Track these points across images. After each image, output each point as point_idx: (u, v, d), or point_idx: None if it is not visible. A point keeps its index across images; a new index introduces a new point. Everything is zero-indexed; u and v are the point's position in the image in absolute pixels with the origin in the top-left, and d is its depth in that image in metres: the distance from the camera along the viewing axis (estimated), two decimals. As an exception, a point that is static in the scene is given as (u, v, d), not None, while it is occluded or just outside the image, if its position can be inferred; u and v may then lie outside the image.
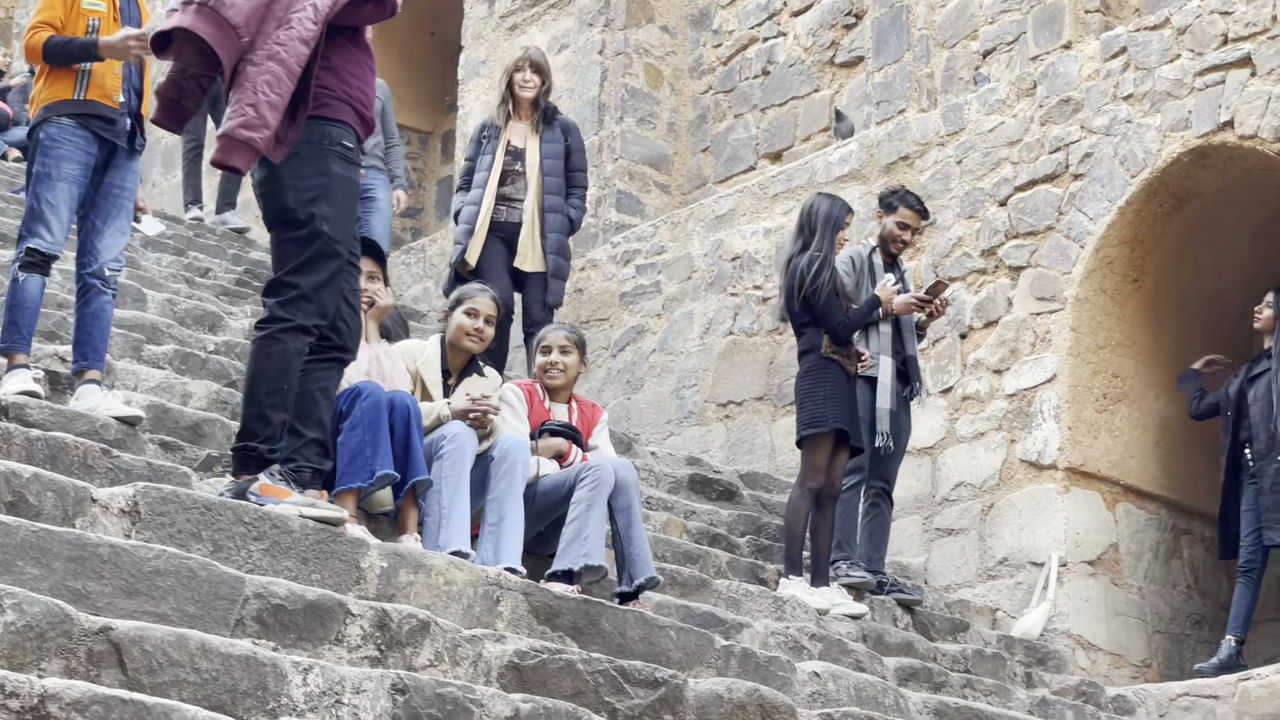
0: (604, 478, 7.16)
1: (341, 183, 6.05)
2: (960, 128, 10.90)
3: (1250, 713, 8.59)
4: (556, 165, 10.41)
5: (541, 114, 10.46)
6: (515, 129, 10.42)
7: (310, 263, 5.95)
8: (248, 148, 5.79)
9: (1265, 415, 9.33)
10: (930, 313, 9.18)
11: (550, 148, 10.41)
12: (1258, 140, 9.32)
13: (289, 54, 5.86)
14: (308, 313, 5.93)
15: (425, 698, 4.55)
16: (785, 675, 6.45)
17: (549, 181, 10.34)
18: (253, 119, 5.76)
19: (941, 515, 10.37)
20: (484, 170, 10.37)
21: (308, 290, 5.94)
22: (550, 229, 10.29)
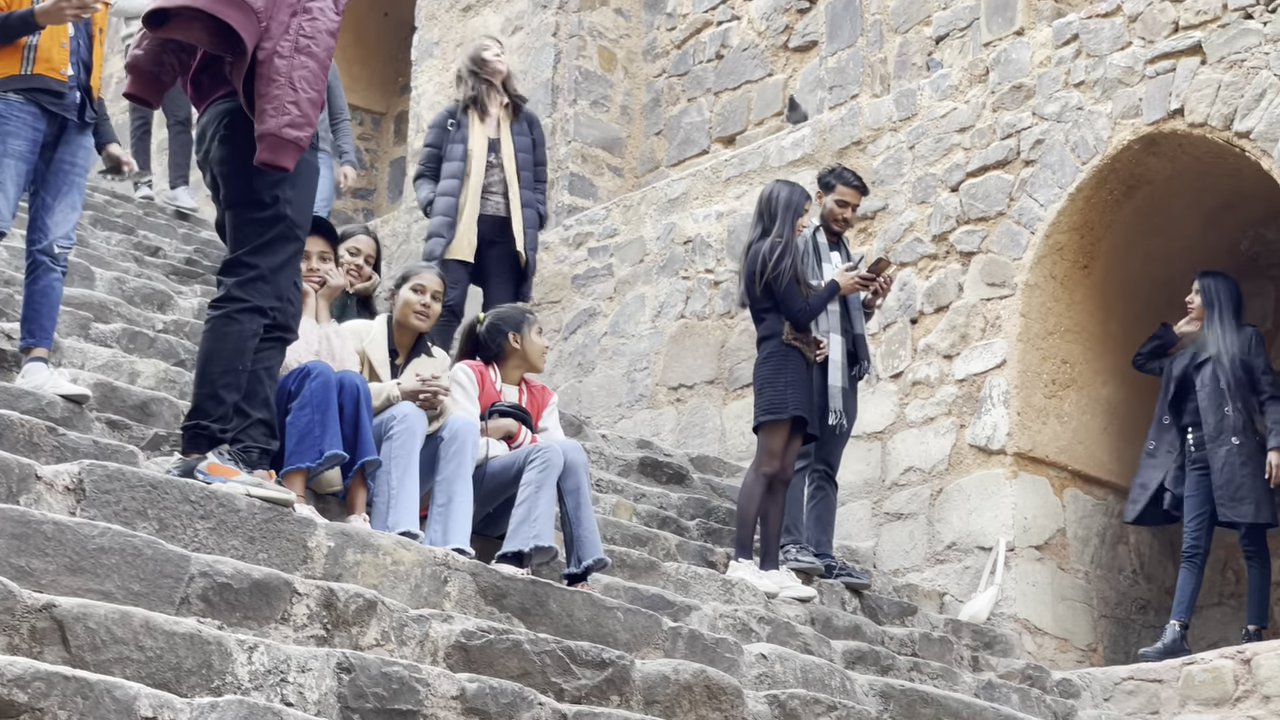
0: (553, 459, 7.16)
1: (305, 166, 6.05)
2: (913, 113, 10.93)
3: (1194, 697, 8.66)
4: (528, 159, 10.30)
5: (512, 104, 10.34)
6: (489, 119, 10.26)
7: (271, 244, 5.95)
8: (295, 147, 5.80)
9: (1213, 401, 9.39)
10: (875, 291, 9.18)
11: (521, 140, 10.30)
12: (1207, 128, 9.36)
13: (319, 47, 5.89)
14: (264, 294, 5.93)
15: (371, 677, 4.55)
16: (732, 657, 6.46)
17: (523, 176, 10.24)
18: (297, 118, 5.78)
19: (891, 500, 10.40)
20: (455, 160, 10.17)
21: (266, 271, 5.94)
22: (527, 224, 10.19)
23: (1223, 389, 9.38)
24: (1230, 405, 9.34)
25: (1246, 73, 9.22)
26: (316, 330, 7.12)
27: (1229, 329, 9.50)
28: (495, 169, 10.16)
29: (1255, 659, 8.50)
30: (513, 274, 10.19)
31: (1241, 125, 9.18)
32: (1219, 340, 9.48)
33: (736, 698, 5.76)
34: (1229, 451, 9.29)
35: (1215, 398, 9.40)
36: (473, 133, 10.15)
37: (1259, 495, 9.28)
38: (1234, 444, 9.30)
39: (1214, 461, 9.33)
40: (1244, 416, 9.35)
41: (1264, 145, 9.06)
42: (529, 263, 10.21)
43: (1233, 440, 9.31)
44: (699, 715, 5.64)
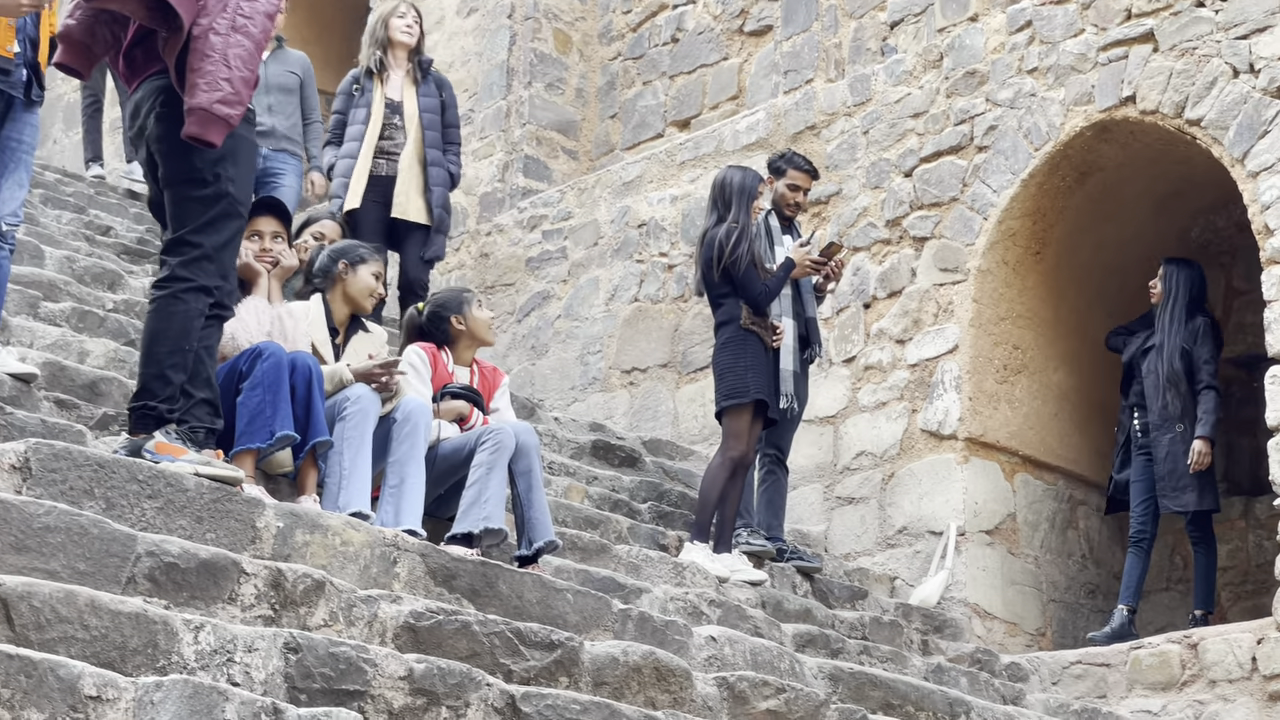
0: (505, 441, 7.15)
1: (244, 144, 6.03)
2: (867, 98, 10.94)
3: (1141, 681, 8.71)
4: (435, 119, 10.13)
5: (418, 65, 10.18)
6: (391, 81, 10.10)
7: (214, 222, 5.93)
8: (224, 123, 5.77)
9: (1157, 389, 9.45)
10: (827, 275, 9.20)
11: (427, 101, 10.13)
12: (1159, 115, 9.40)
13: (256, 28, 5.88)
14: (209, 273, 5.91)
15: (318, 657, 4.53)
16: (682, 639, 6.47)
17: (429, 135, 10.07)
18: (230, 95, 5.75)
19: (842, 484, 10.43)
20: (359, 124, 10.04)
21: (210, 250, 5.92)
22: (434, 182, 10.01)
23: (1165, 378, 9.44)
24: (1172, 393, 9.40)
25: (1198, 61, 9.26)
26: (269, 311, 7.09)
27: (1178, 319, 9.55)
28: (398, 130, 10.03)
29: (1202, 644, 8.57)
30: (419, 236, 10.03)
31: (1193, 113, 9.23)
32: (1165, 329, 9.54)
33: (685, 679, 5.77)
34: (1172, 440, 9.35)
35: (1158, 385, 9.46)
36: (375, 95, 10.04)
37: (1201, 483, 9.34)
38: (1177, 432, 9.37)
39: (1157, 450, 9.40)
40: (1186, 405, 9.41)
41: (1214, 133, 9.11)
42: (436, 220, 10.01)
43: (1176, 428, 9.37)
44: (648, 697, 5.65)
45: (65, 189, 12.64)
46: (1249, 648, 8.36)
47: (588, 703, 5.04)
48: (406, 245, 10.04)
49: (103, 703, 3.85)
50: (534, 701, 4.91)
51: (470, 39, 13.86)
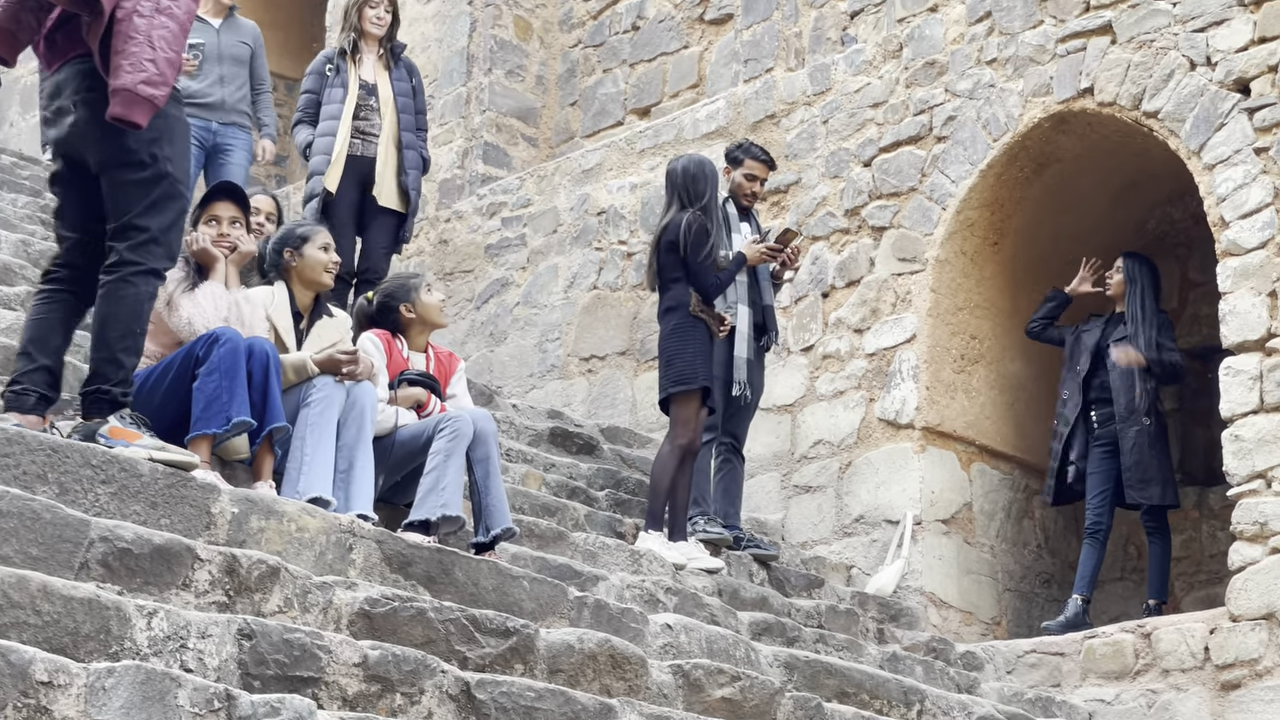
0: (463, 429, 7.15)
1: (178, 123, 6.01)
2: (827, 88, 10.96)
3: (1094, 670, 8.76)
4: (408, 103, 10.11)
5: (390, 51, 10.15)
6: (364, 64, 10.06)
7: (157, 204, 5.92)
8: (149, 104, 5.74)
9: (1125, 382, 9.49)
10: (783, 261, 9.21)
11: (400, 85, 10.11)
12: (1116, 107, 9.44)
13: (180, 9, 5.88)
14: (157, 255, 5.91)
15: (272, 643, 4.53)
16: (638, 627, 6.48)
17: (403, 119, 10.04)
18: (154, 76, 5.73)
19: (800, 472, 10.45)
20: (335, 103, 9.98)
21: (157, 233, 5.91)
22: (409, 165, 9.96)
23: (1135, 370, 9.48)
24: (1141, 386, 9.45)
25: (1155, 53, 9.29)
26: (226, 296, 7.06)
27: (1148, 312, 9.61)
28: (374, 113, 9.98)
29: (1155, 633, 8.62)
30: (388, 222, 9.95)
31: (1150, 105, 9.26)
32: (1136, 322, 9.58)
33: (641, 667, 5.78)
34: (1139, 432, 9.40)
35: (1127, 378, 9.50)
36: (350, 77, 9.99)
37: (1165, 477, 9.42)
38: (1144, 424, 9.42)
39: (1124, 442, 9.43)
40: (1153, 397, 9.47)
41: (1171, 125, 9.15)
42: (412, 203, 9.99)
43: (1143, 421, 9.42)
44: (603, 684, 5.66)
45: (21, 172, 12.57)
46: (1202, 637, 8.41)
47: (542, 690, 5.04)
48: (373, 231, 9.95)
49: (54, 689, 3.83)
50: (489, 689, 4.91)
51: (430, 25, 13.82)
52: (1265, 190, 8.66)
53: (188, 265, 6.99)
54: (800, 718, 6.09)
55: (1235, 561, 8.38)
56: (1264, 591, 8.20)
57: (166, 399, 6.56)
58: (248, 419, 6.54)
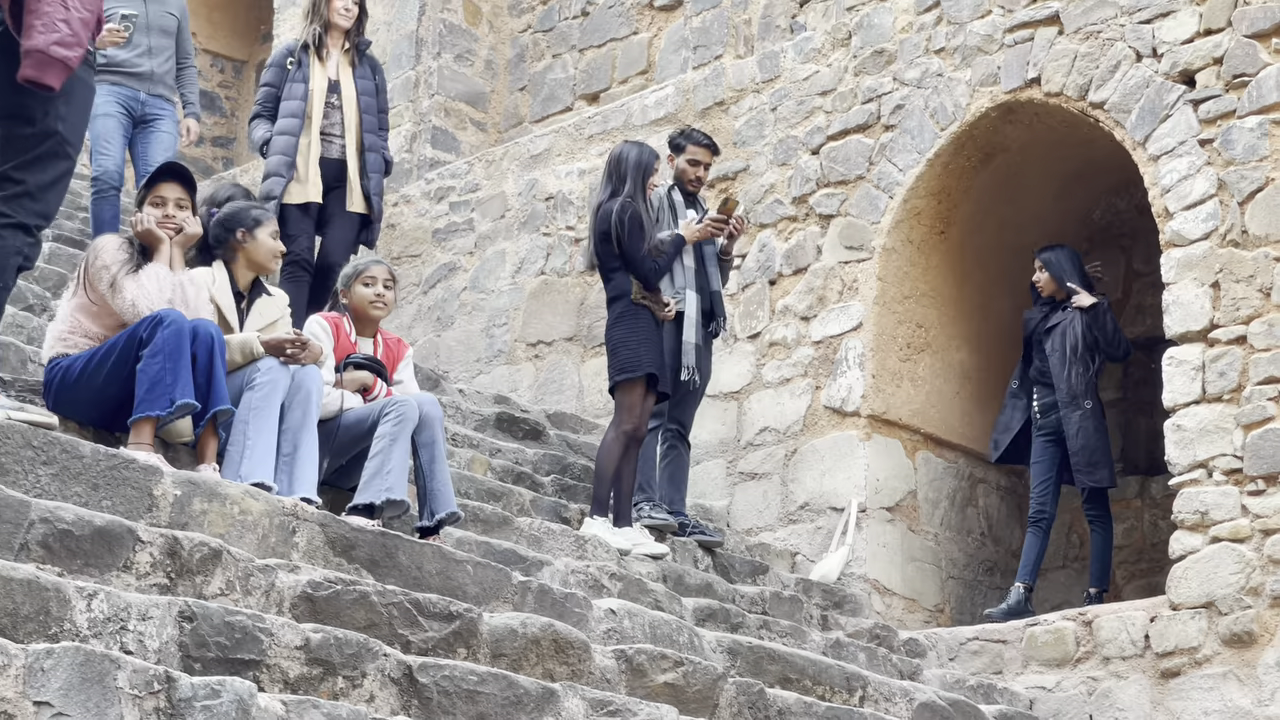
0: (408, 413, 7.14)
1: (81, 85, 5.89)
2: (776, 75, 10.97)
3: (1036, 657, 8.81)
4: (371, 103, 9.88)
5: (355, 48, 9.92)
6: (329, 60, 9.83)
7: (40, 160, 5.78)
8: (62, 65, 5.65)
9: (1064, 366, 9.54)
10: (730, 234, 9.21)
11: (364, 84, 9.87)
12: (1063, 98, 9.48)
13: None
14: (30, 211, 5.73)
15: (213, 625, 4.51)
16: (581, 612, 6.48)
17: (366, 120, 9.81)
18: (68, 36, 5.63)
19: (746, 459, 10.47)
20: (297, 99, 9.71)
21: (33, 188, 5.76)
22: (371, 169, 9.73)
23: (1072, 354, 9.53)
24: (1078, 369, 9.50)
25: (1102, 44, 9.34)
26: (170, 278, 7.01)
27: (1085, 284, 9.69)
28: (336, 111, 9.73)
29: (1096, 621, 8.68)
30: (352, 219, 9.70)
31: (1096, 96, 9.31)
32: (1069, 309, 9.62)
33: (584, 651, 5.79)
34: (1082, 416, 9.45)
35: (1066, 363, 9.55)
36: (313, 73, 9.73)
37: (1110, 460, 9.50)
38: (1086, 408, 9.47)
39: (1068, 427, 9.48)
40: (1090, 382, 9.52)
41: (1117, 116, 9.20)
42: (375, 209, 9.76)
43: (1084, 404, 9.47)
44: (546, 669, 5.66)
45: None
46: (1142, 625, 8.47)
47: (485, 674, 5.04)
48: (334, 229, 9.69)
49: (-8, 669, 3.81)
50: (431, 672, 4.91)
51: (379, 8, 13.76)
52: (1209, 182, 8.71)
53: (131, 246, 6.94)
54: (742, 703, 6.11)
55: (1176, 550, 8.44)
56: (1204, 580, 8.27)
57: (109, 381, 6.52)
58: (191, 401, 6.50)
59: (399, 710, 4.83)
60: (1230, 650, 8.13)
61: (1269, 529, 8.12)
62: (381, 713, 4.74)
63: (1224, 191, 8.66)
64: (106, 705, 3.90)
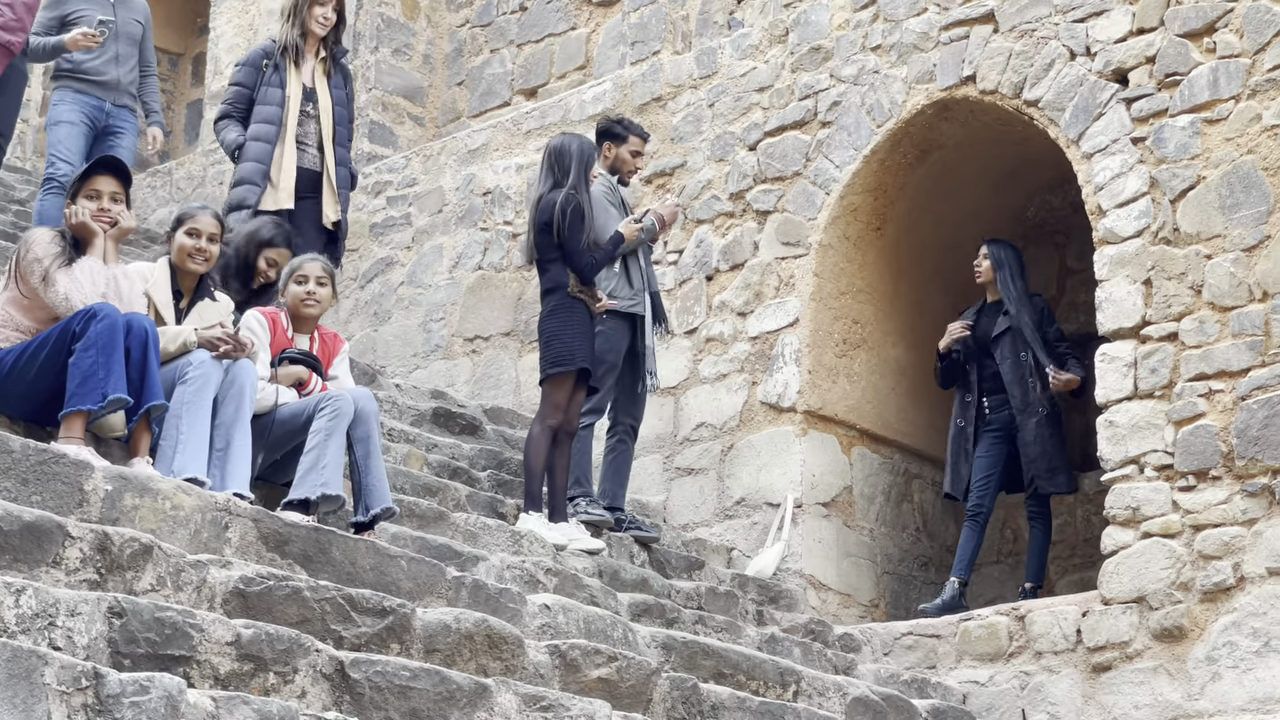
0: (343, 408, 7.11)
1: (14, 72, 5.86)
2: (713, 71, 10.99)
3: (970, 652, 8.87)
4: (344, 114, 9.63)
5: (332, 56, 9.65)
6: (304, 66, 9.53)
7: None
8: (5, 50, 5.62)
9: (1016, 373, 9.59)
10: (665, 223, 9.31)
11: (338, 94, 9.63)
12: (998, 95, 9.54)
13: None
14: None
15: (143, 621, 4.49)
16: (515, 607, 6.48)
17: (339, 132, 9.56)
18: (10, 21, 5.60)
19: (682, 455, 10.49)
20: (273, 105, 9.43)
21: None
22: (341, 183, 9.47)
23: (1024, 360, 9.60)
24: (1033, 376, 9.58)
25: (1036, 42, 9.40)
26: (104, 272, 6.96)
27: (1024, 299, 9.72)
28: (311, 120, 9.47)
29: (1029, 616, 8.73)
30: (321, 233, 9.41)
31: (1030, 94, 9.37)
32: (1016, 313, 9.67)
33: (518, 647, 5.79)
34: (1038, 423, 9.52)
35: (1018, 369, 9.60)
36: (290, 78, 9.47)
37: (1067, 464, 9.60)
38: (1041, 414, 9.54)
39: (1024, 434, 9.54)
40: (1045, 386, 9.60)
41: (1051, 114, 9.26)
42: (342, 225, 9.51)
43: (1040, 410, 9.55)
44: (479, 664, 5.66)
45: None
46: (1074, 620, 8.53)
47: (417, 669, 5.04)
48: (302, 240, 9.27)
49: (-82, 666, 3.79)
50: (363, 668, 4.90)
51: (317, 1, 13.69)
52: (1141, 179, 8.78)
53: (64, 240, 6.89)
54: (676, 698, 6.12)
55: (1108, 546, 8.51)
56: (1135, 575, 8.34)
57: (41, 375, 6.47)
58: (124, 396, 6.46)
59: (330, 706, 4.82)
60: (1161, 645, 8.20)
61: (1199, 525, 8.20)
62: (313, 708, 4.73)
63: (1156, 189, 8.73)
64: (34, 701, 3.88)
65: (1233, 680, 7.92)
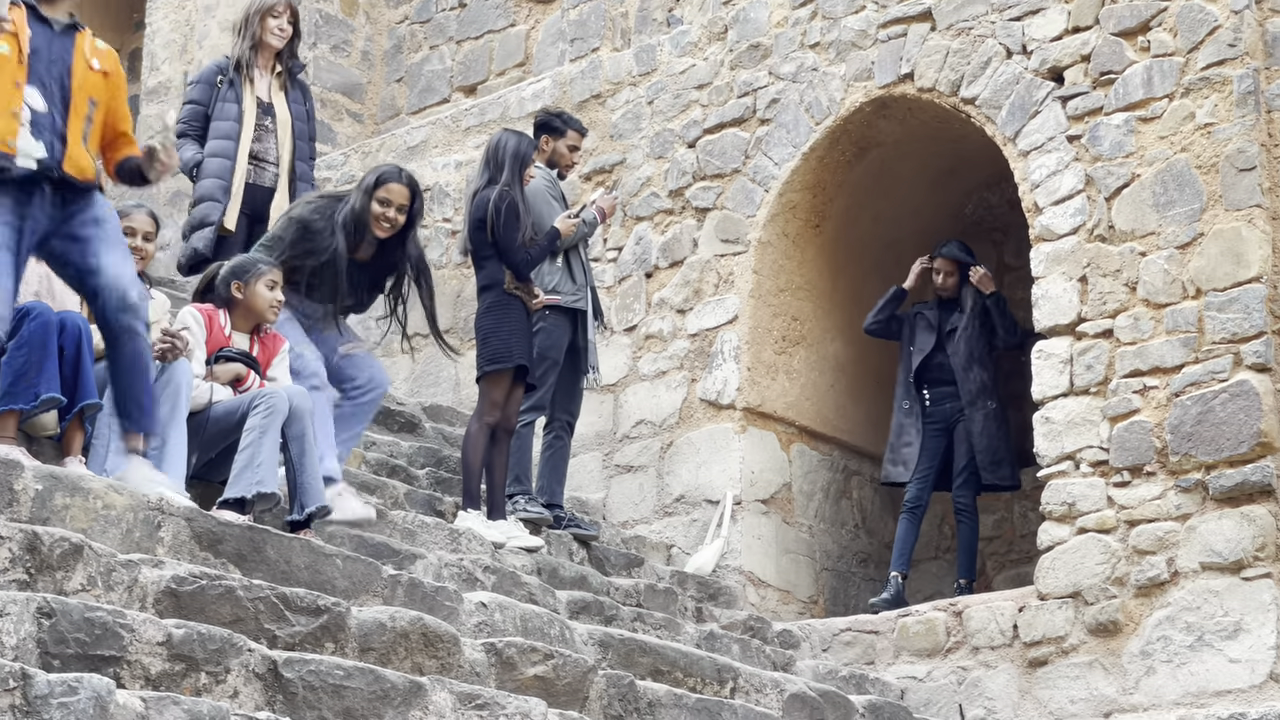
0: (278, 405, 7.06)
1: None
2: (652, 68, 10.99)
3: (907, 647, 8.90)
4: (304, 129, 9.53)
5: (288, 70, 9.52)
6: (260, 81, 9.39)
7: None
8: None
9: (967, 366, 9.67)
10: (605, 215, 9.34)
11: (296, 108, 9.52)
12: (935, 93, 9.57)
13: None
14: None
15: (73, 621, 4.46)
16: (452, 605, 6.46)
17: (299, 147, 9.46)
18: None
19: (621, 452, 10.49)
20: (228, 120, 9.31)
21: None
22: None
23: (975, 354, 9.68)
24: (977, 369, 9.66)
25: (973, 41, 9.44)
26: (36, 270, 6.93)
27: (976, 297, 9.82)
28: (269, 135, 9.32)
29: (966, 611, 8.78)
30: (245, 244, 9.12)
31: (968, 91, 9.41)
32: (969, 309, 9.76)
33: (454, 645, 5.78)
34: (986, 416, 9.62)
35: (969, 362, 9.68)
36: (245, 92, 9.32)
37: (1013, 459, 9.66)
38: (990, 407, 9.62)
39: (972, 425, 9.62)
40: (994, 379, 9.69)
41: (988, 112, 9.30)
42: None
43: (988, 404, 9.63)
44: (415, 662, 5.64)
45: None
46: (1011, 615, 8.58)
47: (352, 668, 5.02)
48: None
49: None
50: (296, 667, 4.88)
51: (255, -3, 13.62)
52: (1077, 177, 8.83)
53: (-5, 237, 6.83)
54: (613, 695, 6.12)
55: (1044, 541, 8.55)
56: (1071, 570, 8.39)
57: (-28, 374, 6.43)
58: (57, 395, 6.42)
59: (263, 706, 4.79)
60: (1096, 639, 8.26)
61: (1134, 520, 8.25)
62: (245, 708, 4.71)
63: (1091, 187, 8.78)
64: (-40, 703, 3.85)
65: (1167, 674, 7.98)
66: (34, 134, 6.41)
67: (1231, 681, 7.79)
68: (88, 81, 6.65)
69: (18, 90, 6.40)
